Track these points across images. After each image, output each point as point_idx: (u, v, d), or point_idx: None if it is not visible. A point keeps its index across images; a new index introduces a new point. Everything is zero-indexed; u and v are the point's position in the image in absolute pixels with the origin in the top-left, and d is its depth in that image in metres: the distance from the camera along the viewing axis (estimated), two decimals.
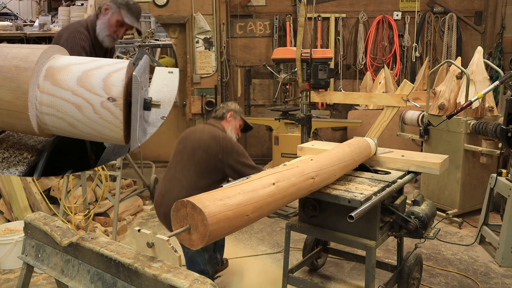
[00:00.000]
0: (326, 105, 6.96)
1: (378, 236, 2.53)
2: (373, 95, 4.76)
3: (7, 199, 3.93)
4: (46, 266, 1.81)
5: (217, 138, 2.83)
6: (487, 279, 3.36)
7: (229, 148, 2.82)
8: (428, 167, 2.73)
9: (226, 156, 2.80)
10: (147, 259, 1.46)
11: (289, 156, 5.43)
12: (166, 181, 2.90)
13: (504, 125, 3.48)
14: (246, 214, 1.63)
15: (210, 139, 2.83)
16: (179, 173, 2.83)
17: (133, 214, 4.75)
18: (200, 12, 6.34)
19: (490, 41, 6.76)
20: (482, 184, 4.43)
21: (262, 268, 3.57)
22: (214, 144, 2.81)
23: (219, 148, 2.80)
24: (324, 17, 6.74)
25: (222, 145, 2.81)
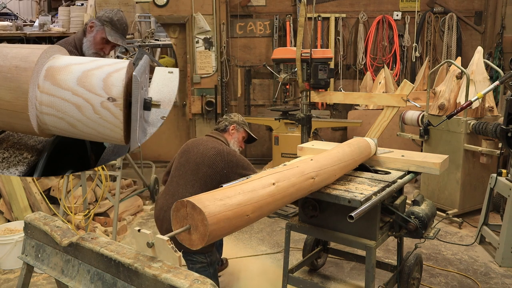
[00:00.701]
0: (326, 105, 6.96)
1: (378, 236, 2.53)
2: (373, 95, 4.76)
3: (7, 199, 3.93)
4: (46, 266, 1.81)
5: (222, 153, 2.79)
6: (487, 279, 3.36)
7: (234, 162, 2.79)
8: (428, 167, 2.73)
9: (232, 171, 2.77)
10: (147, 259, 1.45)
11: (289, 156, 5.43)
12: (168, 196, 2.82)
13: (504, 125, 3.48)
14: (246, 214, 1.63)
15: (214, 155, 2.78)
16: (182, 188, 2.77)
17: (133, 214, 4.75)
18: (200, 12, 6.35)
19: (490, 41, 6.76)
20: (482, 184, 4.43)
21: (262, 268, 3.57)
22: (219, 160, 2.77)
23: (224, 164, 2.76)
24: (324, 17, 6.74)
25: (227, 160, 2.77)
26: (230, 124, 3.04)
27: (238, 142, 3.06)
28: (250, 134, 3.14)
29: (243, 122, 3.10)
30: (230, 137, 3.03)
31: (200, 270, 2.83)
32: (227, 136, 3.02)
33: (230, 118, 3.08)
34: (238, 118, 3.10)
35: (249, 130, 3.13)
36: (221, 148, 2.82)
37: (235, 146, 3.03)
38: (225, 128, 3.04)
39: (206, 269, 2.83)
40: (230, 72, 6.72)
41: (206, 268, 2.82)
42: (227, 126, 3.04)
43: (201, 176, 2.76)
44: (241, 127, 3.07)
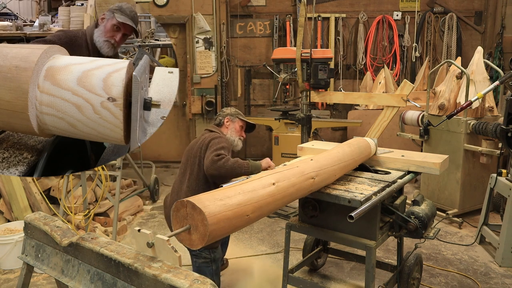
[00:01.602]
0: (326, 105, 6.96)
1: (378, 236, 2.53)
2: (373, 95, 4.76)
3: (7, 199, 3.93)
4: (46, 266, 1.81)
5: (205, 139, 2.87)
6: (487, 279, 3.36)
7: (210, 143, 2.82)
8: (428, 167, 2.73)
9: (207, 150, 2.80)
10: (147, 259, 1.46)
11: (289, 156, 5.43)
12: (174, 194, 2.96)
13: (504, 125, 3.48)
14: (246, 214, 1.63)
15: (200, 143, 2.89)
16: (184, 185, 2.90)
17: (133, 214, 4.75)
18: (200, 12, 6.34)
19: (490, 41, 6.76)
20: (482, 184, 4.43)
21: (262, 268, 3.57)
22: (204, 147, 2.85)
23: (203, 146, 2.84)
24: (324, 17, 6.74)
25: (206, 143, 2.84)
26: (224, 117, 3.12)
27: (236, 132, 3.10)
28: (247, 121, 3.18)
29: (236, 113, 3.16)
30: (226, 129, 3.10)
31: (202, 265, 2.85)
32: (223, 130, 3.10)
33: (223, 113, 3.17)
34: (231, 110, 3.16)
35: (244, 118, 3.16)
36: (208, 136, 2.89)
37: (233, 136, 3.08)
38: (220, 122, 3.13)
39: (209, 265, 2.85)
40: (230, 72, 6.72)
41: (208, 264, 2.84)
42: (221, 120, 3.12)
43: (192, 168, 2.87)
44: (235, 117, 3.12)
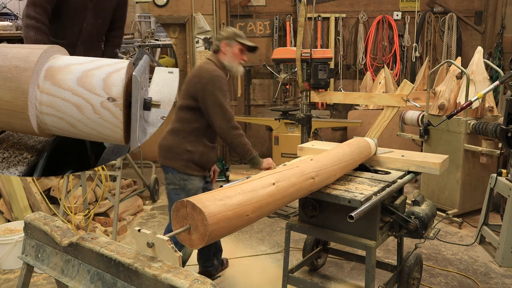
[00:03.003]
0: (326, 105, 6.96)
1: (378, 236, 2.53)
2: (373, 95, 4.76)
3: (7, 199, 3.93)
4: (46, 266, 1.81)
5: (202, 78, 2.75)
6: (487, 279, 3.36)
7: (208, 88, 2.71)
8: (428, 167, 2.73)
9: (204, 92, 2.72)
10: (147, 259, 1.45)
11: (289, 156, 5.43)
12: None
13: (504, 125, 3.48)
14: (246, 214, 1.63)
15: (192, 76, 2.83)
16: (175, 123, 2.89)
17: (133, 214, 4.75)
18: (200, 12, 6.34)
19: (490, 41, 6.76)
20: (482, 184, 4.43)
21: (262, 268, 3.57)
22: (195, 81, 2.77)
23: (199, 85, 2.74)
24: (324, 17, 6.74)
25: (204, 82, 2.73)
26: (220, 41, 2.85)
27: (236, 57, 2.87)
28: (246, 43, 2.89)
29: (234, 34, 2.85)
30: (224, 56, 2.86)
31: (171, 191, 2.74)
32: (221, 56, 2.87)
33: (219, 35, 2.89)
34: (228, 33, 2.86)
35: (243, 41, 2.87)
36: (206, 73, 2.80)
37: (233, 62, 2.87)
38: (217, 48, 2.88)
39: (178, 194, 2.70)
40: None
41: (178, 192, 2.72)
42: (218, 45, 2.87)
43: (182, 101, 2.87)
44: (233, 40, 2.84)
